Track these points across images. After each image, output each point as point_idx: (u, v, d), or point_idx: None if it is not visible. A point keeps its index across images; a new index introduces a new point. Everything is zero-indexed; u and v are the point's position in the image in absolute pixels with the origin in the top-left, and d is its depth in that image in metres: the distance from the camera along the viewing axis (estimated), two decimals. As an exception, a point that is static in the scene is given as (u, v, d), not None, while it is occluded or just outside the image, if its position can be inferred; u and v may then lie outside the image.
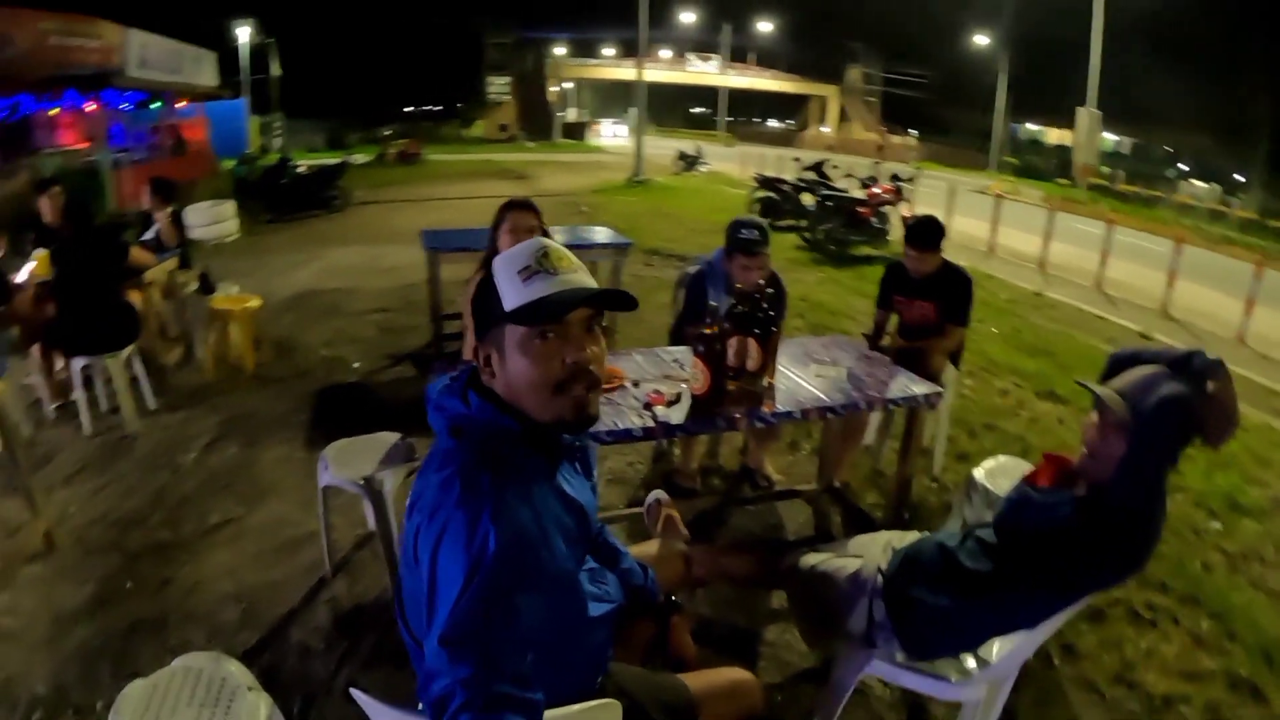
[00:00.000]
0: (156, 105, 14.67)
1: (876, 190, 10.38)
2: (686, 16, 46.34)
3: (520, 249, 1.27)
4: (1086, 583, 1.67)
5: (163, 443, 4.36)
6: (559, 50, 49.02)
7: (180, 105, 16.13)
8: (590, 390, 1.27)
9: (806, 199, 11.14)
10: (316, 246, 10.62)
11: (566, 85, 51.13)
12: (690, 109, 62.23)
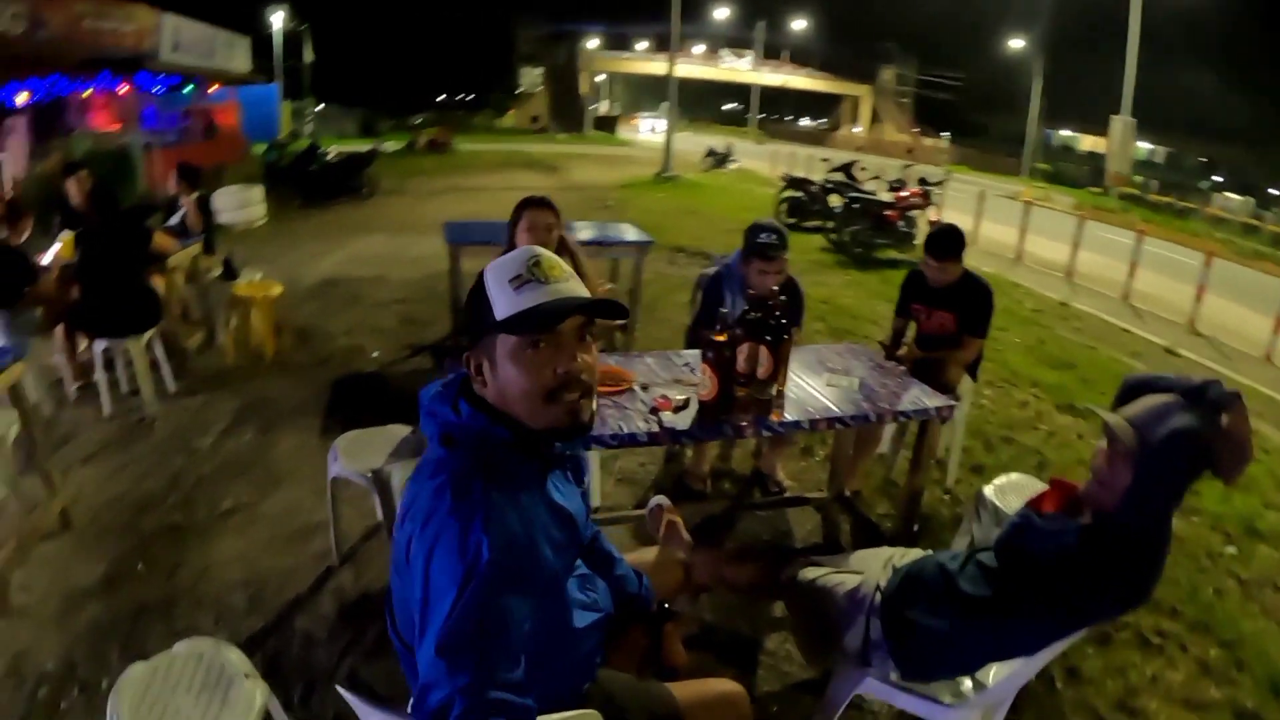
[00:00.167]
0: (189, 89, 14.79)
1: (904, 194, 10.29)
2: (721, 12, 46.06)
3: (511, 257, 1.27)
4: (1086, 614, 1.64)
5: (181, 426, 4.41)
6: (592, 43, 48.91)
7: (213, 90, 16.27)
8: (582, 398, 1.27)
9: (834, 200, 11.07)
10: (343, 234, 10.68)
11: (599, 78, 51.05)
12: (723, 105, 62.08)
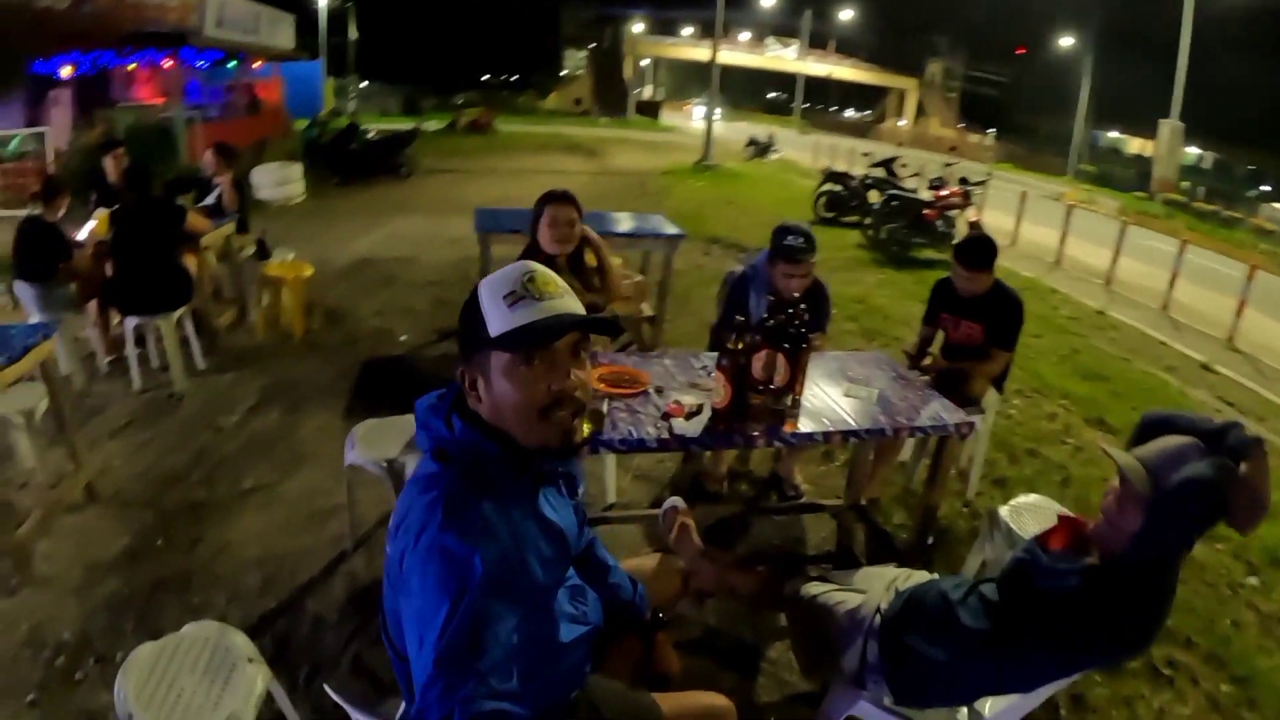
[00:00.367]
0: (232, 65, 14.96)
1: (944, 192, 10.12)
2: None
3: (506, 273, 1.26)
4: (1083, 657, 1.60)
5: (208, 403, 4.49)
6: (637, 27, 48.62)
7: (256, 65, 16.43)
8: (576, 416, 1.27)
9: (873, 196, 10.94)
10: (380, 213, 10.74)
11: (643, 63, 50.79)
12: (768, 94, 61.50)
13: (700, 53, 41.50)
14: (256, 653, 2.00)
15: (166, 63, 11.88)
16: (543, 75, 50.26)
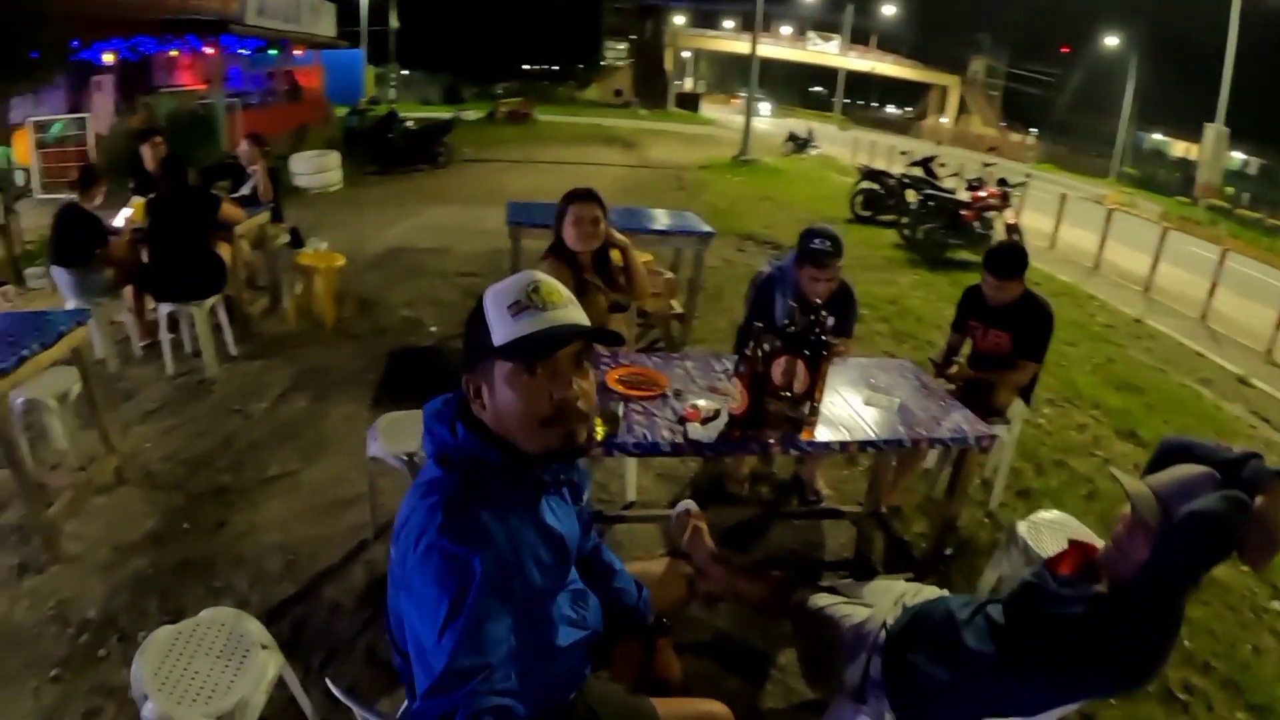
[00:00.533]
0: (274, 52, 15.12)
1: (982, 193, 9.97)
2: (809, -7, 45.20)
3: (511, 283, 1.28)
4: (1085, 687, 1.57)
5: (238, 389, 4.56)
6: (679, 19, 48.37)
7: (297, 53, 16.60)
8: (578, 423, 1.28)
9: (910, 195, 10.81)
10: (416, 202, 10.80)
11: (684, 55, 50.54)
12: (809, 89, 60.99)
13: (741, 46, 40.98)
14: (270, 639, 2.04)
15: (208, 49, 12.03)
16: (583, 66, 50.18)
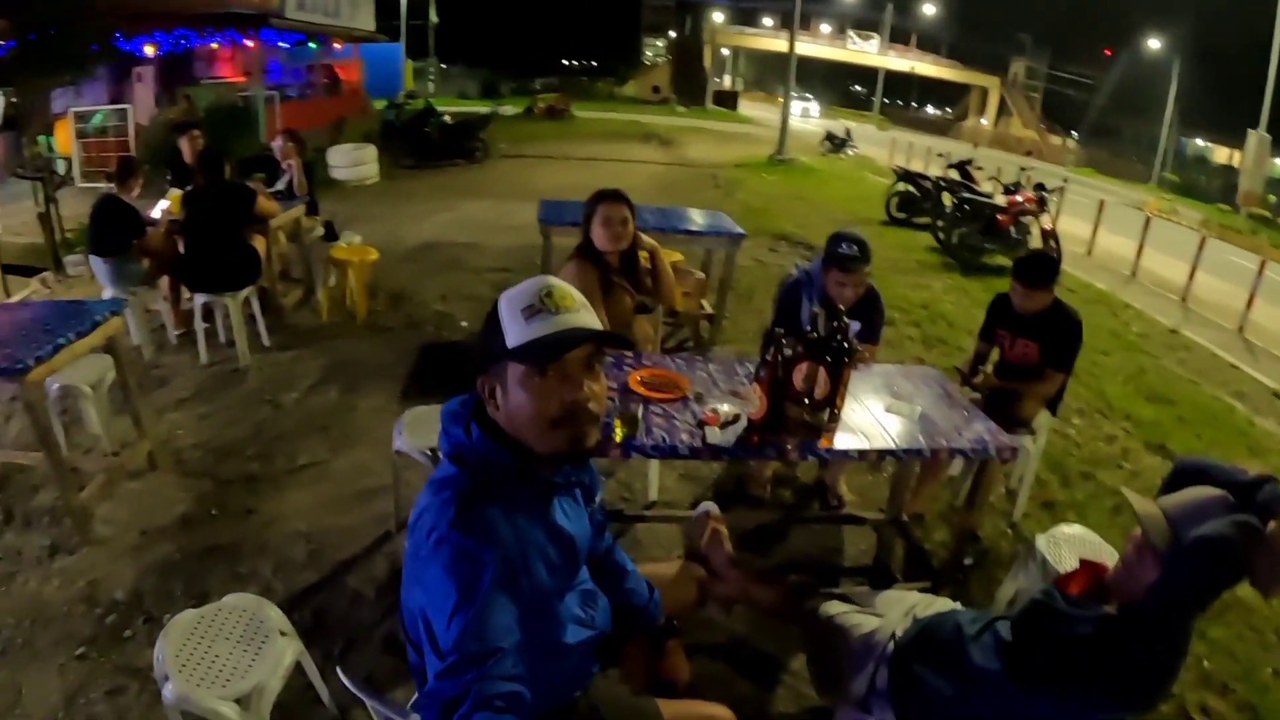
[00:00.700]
0: (313, 45, 15.29)
1: (1018, 198, 9.83)
2: (849, -8, 44.87)
3: (525, 287, 1.32)
4: (1088, 709, 1.53)
5: (270, 379, 4.64)
6: (718, 16, 48.22)
7: (337, 46, 16.77)
8: (588, 424, 1.32)
9: (946, 199, 10.67)
10: (451, 197, 10.87)
11: (723, 52, 50.36)
12: (849, 88, 60.53)
13: (780, 44, 40.72)
14: (289, 626, 2.09)
15: (248, 42, 12.19)
16: (622, 62, 50.18)
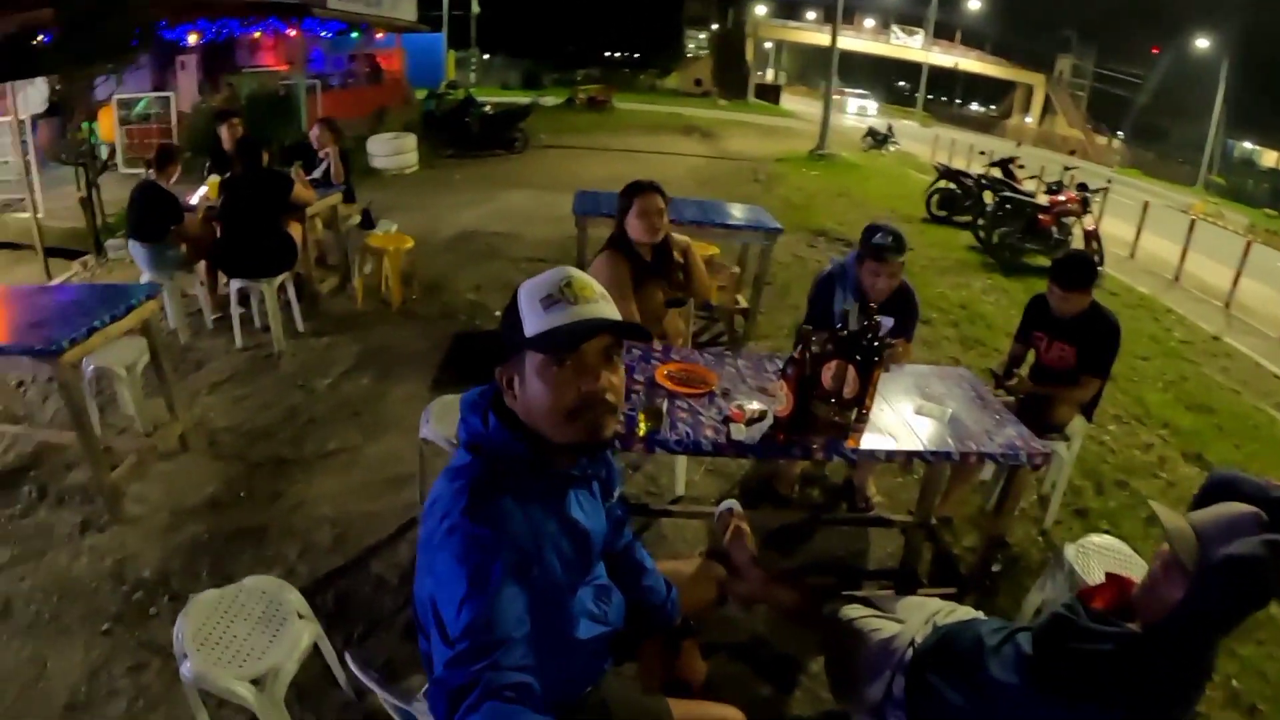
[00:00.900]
0: (355, 35, 15.42)
1: (1060, 198, 9.64)
2: (894, -15, 44.28)
3: (545, 277, 1.31)
4: None
5: (304, 365, 4.70)
6: (760, 9, 47.86)
7: (379, 36, 16.89)
8: (605, 415, 1.30)
9: (988, 197, 10.51)
10: (490, 187, 10.91)
11: (766, 46, 49.98)
12: (893, 83, 59.73)
13: (823, 38, 40.20)
14: (308, 609, 2.11)
15: (290, 31, 12.33)
16: (664, 55, 50.06)
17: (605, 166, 13.30)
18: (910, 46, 46.41)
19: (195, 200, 5.10)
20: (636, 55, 55.96)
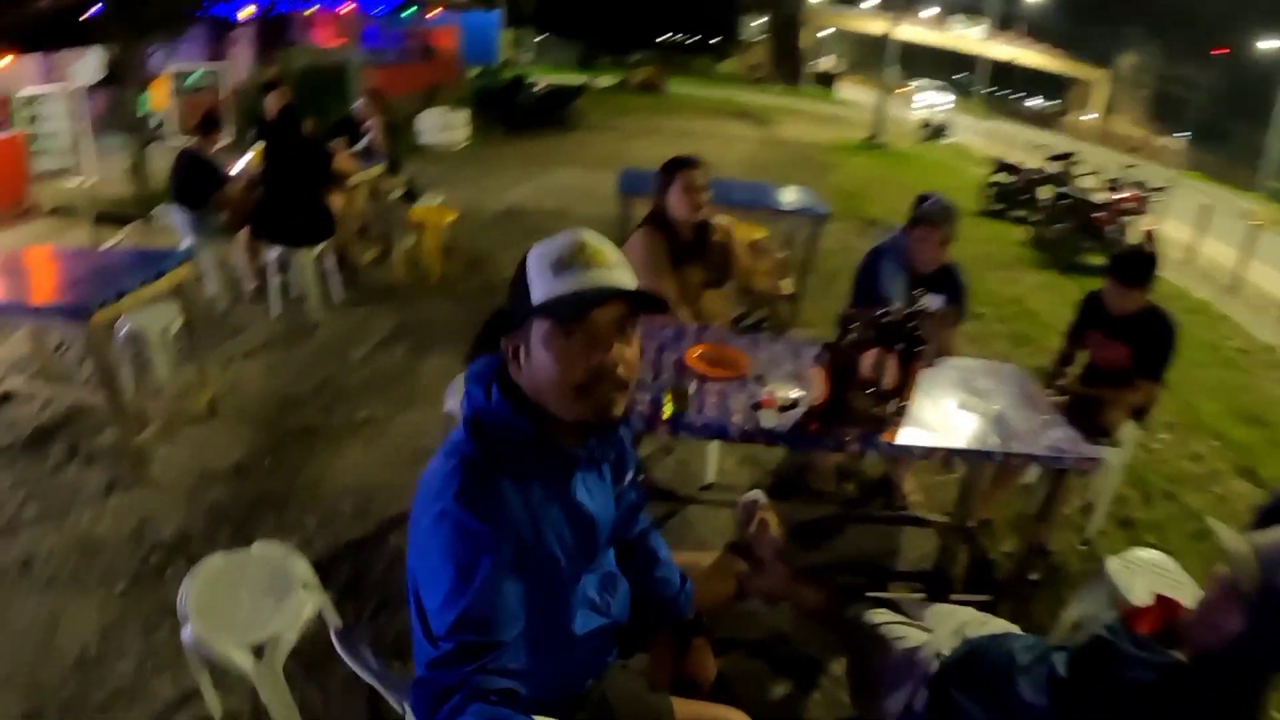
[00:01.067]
0: (408, 12, 15.50)
1: (1118, 196, 9.32)
2: (957, -23, 43.38)
3: (556, 241, 1.20)
4: None
5: (339, 335, 4.70)
6: (818, -5, 47.21)
7: (433, 14, 16.96)
8: (616, 392, 1.20)
9: (1044, 193, 10.24)
10: (539, 165, 10.89)
11: (823, 33, 49.32)
12: (953, 75, 58.66)
13: (881, 26, 39.74)
14: (314, 579, 2.06)
15: (345, 7, 12.42)
16: (720, 39, 49.78)
17: (658, 147, 13.13)
18: (970, 37, 45.43)
19: (239, 168, 5.12)
20: (692, 40, 55.69)
